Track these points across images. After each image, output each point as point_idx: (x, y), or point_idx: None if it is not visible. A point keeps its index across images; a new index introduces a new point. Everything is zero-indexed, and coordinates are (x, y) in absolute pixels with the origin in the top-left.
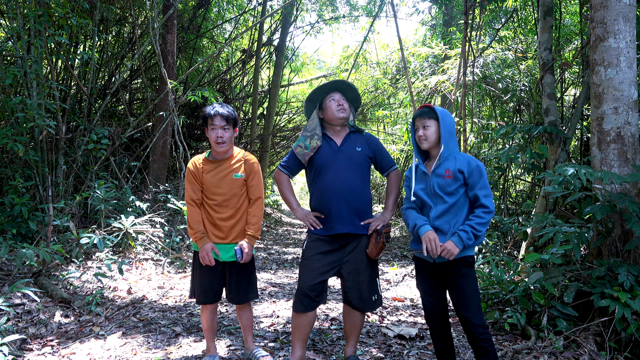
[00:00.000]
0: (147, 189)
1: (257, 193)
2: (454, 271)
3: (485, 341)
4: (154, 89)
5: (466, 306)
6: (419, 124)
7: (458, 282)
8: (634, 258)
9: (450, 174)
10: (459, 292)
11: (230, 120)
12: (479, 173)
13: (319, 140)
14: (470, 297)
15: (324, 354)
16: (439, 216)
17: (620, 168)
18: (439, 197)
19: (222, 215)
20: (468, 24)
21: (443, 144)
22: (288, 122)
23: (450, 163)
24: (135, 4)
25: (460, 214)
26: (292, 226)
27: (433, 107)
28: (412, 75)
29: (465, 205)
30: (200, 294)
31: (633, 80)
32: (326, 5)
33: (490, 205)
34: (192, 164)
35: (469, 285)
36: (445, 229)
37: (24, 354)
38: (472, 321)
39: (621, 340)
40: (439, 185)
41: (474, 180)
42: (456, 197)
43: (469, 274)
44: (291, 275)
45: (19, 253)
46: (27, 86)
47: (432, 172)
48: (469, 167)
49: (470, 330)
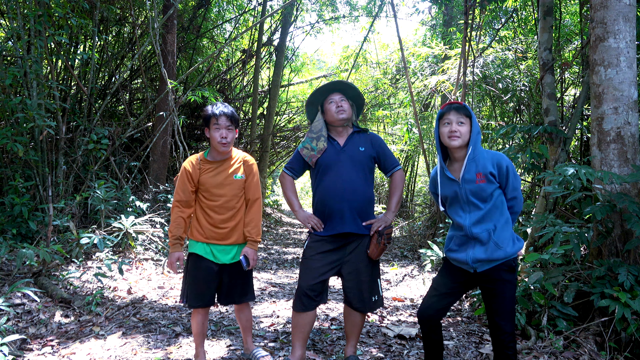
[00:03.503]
0: (147, 189)
1: (256, 195)
2: (494, 276)
3: (511, 349)
4: (154, 89)
5: (501, 314)
6: (453, 118)
7: (498, 288)
8: (634, 258)
9: (482, 178)
10: (497, 299)
11: (234, 120)
12: (512, 174)
13: (325, 142)
14: (508, 305)
15: (324, 354)
16: (475, 224)
17: (620, 168)
18: (472, 204)
19: (223, 217)
20: (468, 24)
21: (472, 145)
22: (288, 122)
23: (479, 165)
24: (135, 4)
25: (498, 219)
26: (292, 226)
27: (465, 105)
28: (412, 75)
29: (500, 207)
30: (193, 297)
31: (633, 80)
32: (326, 5)
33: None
34: (189, 164)
35: (509, 292)
36: (483, 238)
37: (24, 354)
38: (505, 329)
39: (621, 340)
40: (472, 192)
41: (507, 181)
42: (492, 202)
43: (511, 280)
44: (291, 275)
45: (19, 253)
46: (27, 86)
47: (461, 179)
48: (500, 169)
49: (500, 338)
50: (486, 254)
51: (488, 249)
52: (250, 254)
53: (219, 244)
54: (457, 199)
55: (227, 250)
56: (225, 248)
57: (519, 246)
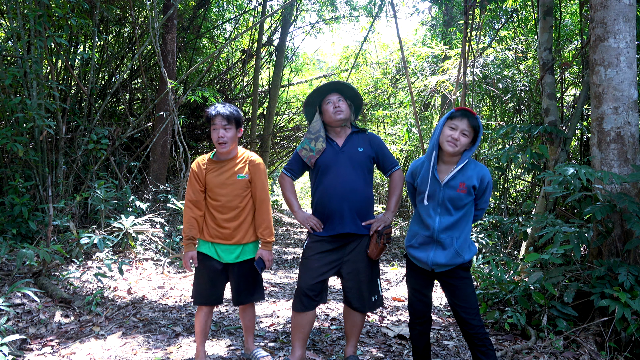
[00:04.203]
0: (147, 189)
1: (263, 194)
2: (452, 275)
3: (484, 341)
4: (154, 89)
5: (465, 308)
6: (460, 126)
7: (456, 284)
8: (634, 258)
9: (464, 188)
10: (458, 295)
11: (231, 119)
12: (489, 190)
13: (324, 143)
14: (469, 299)
15: (324, 354)
16: (444, 230)
17: (620, 168)
18: (445, 208)
19: (226, 217)
20: (468, 24)
21: (467, 157)
22: (288, 122)
23: (465, 176)
24: (135, 4)
25: (465, 229)
26: (292, 226)
27: (477, 117)
28: (412, 75)
29: (468, 217)
30: (198, 294)
31: (633, 80)
32: (326, 5)
33: (482, 215)
34: (195, 164)
35: (467, 287)
36: (447, 244)
37: (24, 354)
38: (472, 323)
39: (621, 340)
40: (450, 198)
41: (483, 194)
42: (463, 211)
43: (467, 277)
44: (291, 275)
45: (19, 253)
46: (27, 86)
47: (444, 183)
48: (482, 184)
49: (470, 332)
50: (446, 259)
51: (448, 255)
52: (265, 255)
53: (223, 243)
54: (432, 198)
55: (231, 250)
56: (229, 247)
57: (474, 251)
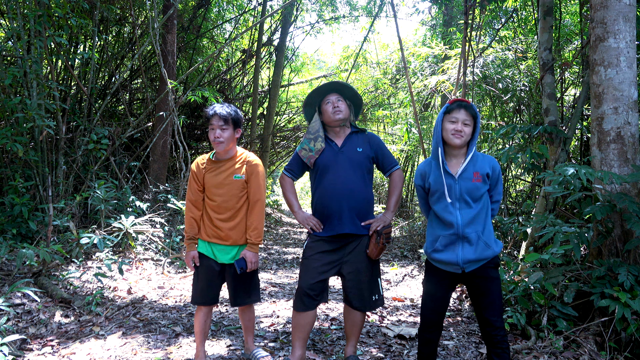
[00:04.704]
0: (147, 189)
1: (257, 196)
2: (482, 274)
3: (503, 344)
4: (154, 89)
5: (490, 309)
6: (461, 117)
7: (485, 285)
8: (634, 258)
9: (479, 177)
10: (485, 296)
11: (228, 120)
12: (500, 180)
13: (323, 143)
14: (495, 301)
15: (324, 354)
16: (467, 224)
17: (620, 168)
18: (464, 201)
19: (222, 217)
20: (468, 24)
21: (473, 145)
22: (288, 122)
23: (477, 165)
24: (135, 4)
25: (486, 222)
26: (292, 226)
27: (472, 105)
28: (412, 75)
29: (487, 209)
30: (196, 294)
31: (633, 80)
32: (326, 5)
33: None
34: (195, 164)
35: (496, 288)
36: (473, 239)
37: (24, 354)
38: (495, 324)
39: (621, 340)
40: (467, 189)
41: (496, 184)
42: (482, 203)
43: (497, 276)
44: (291, 275)
45: (19, 253)
46: (27, 86)
47: (458, 175)
48: (494, 172)
49: (491, 333)
50: (476, 254)
51: (477, 249)
52: (249, 256)
53: (219, 243)
54: (450, 194)
55: (226, 250)
56: (225, 248)
57: (500, 245)
